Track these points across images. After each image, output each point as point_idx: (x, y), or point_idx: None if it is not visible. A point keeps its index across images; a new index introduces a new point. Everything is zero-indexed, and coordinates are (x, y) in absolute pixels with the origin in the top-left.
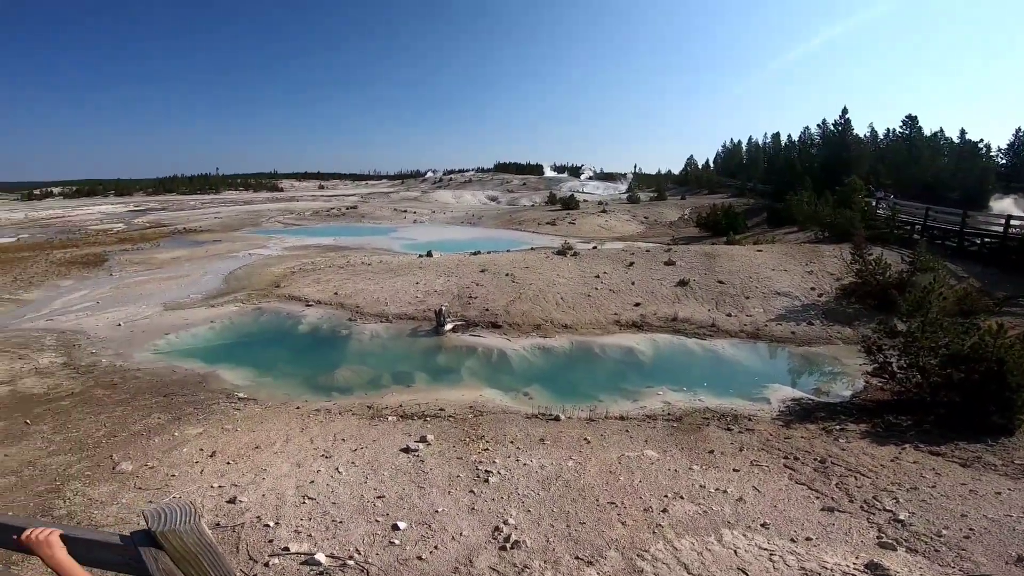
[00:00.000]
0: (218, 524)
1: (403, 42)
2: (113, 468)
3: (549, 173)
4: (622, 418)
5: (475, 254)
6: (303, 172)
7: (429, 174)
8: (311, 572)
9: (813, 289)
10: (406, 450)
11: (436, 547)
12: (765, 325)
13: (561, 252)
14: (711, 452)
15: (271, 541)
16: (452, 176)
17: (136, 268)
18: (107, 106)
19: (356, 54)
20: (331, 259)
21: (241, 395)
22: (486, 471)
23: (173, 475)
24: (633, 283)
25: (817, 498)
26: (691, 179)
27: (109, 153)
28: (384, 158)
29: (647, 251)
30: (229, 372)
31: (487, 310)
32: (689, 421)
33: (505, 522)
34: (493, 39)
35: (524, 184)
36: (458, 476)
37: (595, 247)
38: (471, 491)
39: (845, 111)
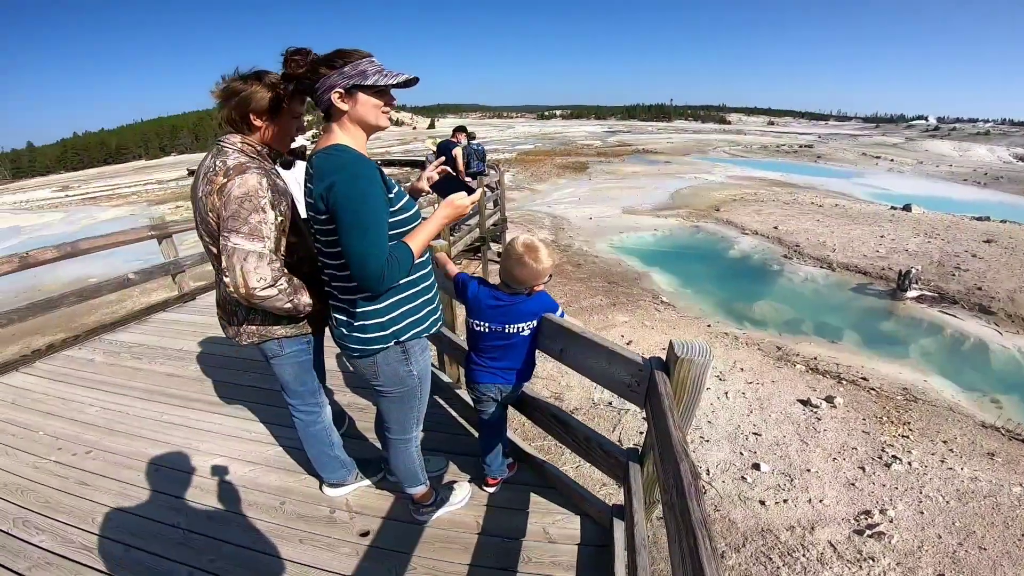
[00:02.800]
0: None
1: None
2: None
3: None
4: None
5: (980, 219)
6: (752, 108)
7: (926, 120)
8: None
9: None
10: (804, 402)
11: (785, 500)
12: None
13: None
14: None
15: (642, 434)
16: (956, 126)
17: (606, 177)
18: (593, 48)
19: None
20: (776, 193)
21: (664, 299)
22: (893, 456)
23: None
24: None
25: None
26: None
27: (593, 83)
28: (850, 99)
29: None
30: (659, 276)
31: (979, 288)
32: None
33: (882, 511)
34: None
35: None
36: (853, 448)
37: None
38: (861, 467)
39: None
